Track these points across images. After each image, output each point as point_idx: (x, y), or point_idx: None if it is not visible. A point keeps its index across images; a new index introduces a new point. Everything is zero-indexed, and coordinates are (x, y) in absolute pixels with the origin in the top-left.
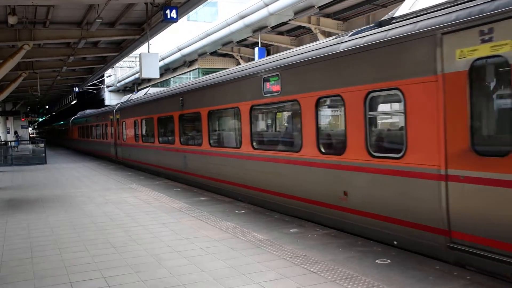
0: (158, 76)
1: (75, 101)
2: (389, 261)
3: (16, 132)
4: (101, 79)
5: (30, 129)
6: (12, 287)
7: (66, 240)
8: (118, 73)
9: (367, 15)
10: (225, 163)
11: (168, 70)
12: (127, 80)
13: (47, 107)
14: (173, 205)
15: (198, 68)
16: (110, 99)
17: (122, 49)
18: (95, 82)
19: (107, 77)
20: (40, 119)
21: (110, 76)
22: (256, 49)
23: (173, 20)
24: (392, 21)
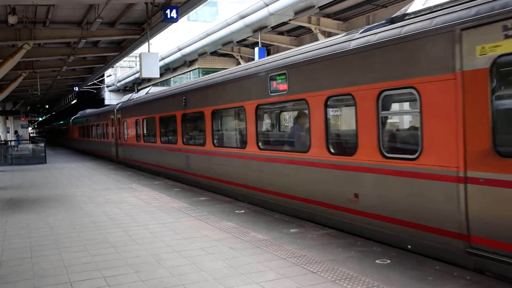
0: (158, 76)
1: (75, 101)
2: (389, 261)
3: (16, 132)
4: (101, 79)
5: (30, 128)
6: (11, 286)
7: (65, 240)
8: (118, 72)
9: (367, 15)
10: (229, 163)
11: (168, 70)
12: (127, 80)
13: (47, 106)
14: (173, 205)
15: (198, 68)
16: (110, 99)
17: (122, 48)
18: (95, 81)
19: (107, 76)
20: (40, 119)
21: (110, 75)
22: (256, 49)
23: (173, 20)
24: (405, 18)
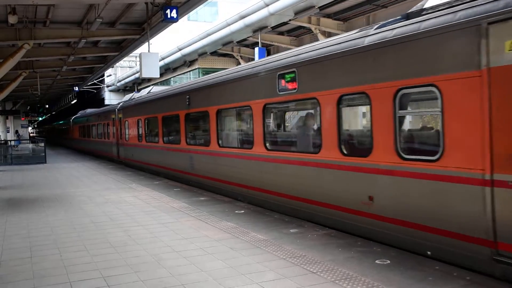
0: (158, 76)
1: (75, 101)
2: (389, 262)
3: (17, 131)
4: (101, 79)
5: (30, 128)
6: (11, 286)
7: (65, 240)
8: (118, 72)
9: (368, 16)
10: (236, 164)
11: (168, 70)
12: (127, 80)
13: (47, 106)
14: (172, 205)
15: (198, 68)
16: (110, 99)
17: (122, 48)
18: (95, 81)
19: (107, 76)
20: (40, 119)
21: (110, 75)
22: (256, 49)
23: (173, 20)
24: (422, 13)
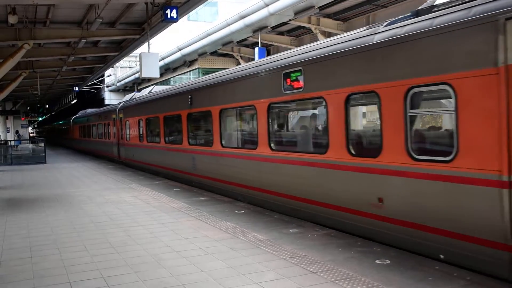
0: (158, 76)
1: (75, 101)
2: (389, 262)
3: (17, 131)
4: (101, 79)
5: (30, 128)
6: (11, 286)
7: (65, 240)
8: (118, 72)
9: (367, 16)
10: (239, 165)
11: (168, 70)
12: (127, 80)
13: (47, 106)
14: (172, 205)
15: (198, 68)
16: (110, 99)
17: (122, 48)
18: (95, 81)
19: (107, 76)
20: (40, 119)
21: (110, 75)
22: (256, 49)
23: (173, 20)
24: (433, 10)
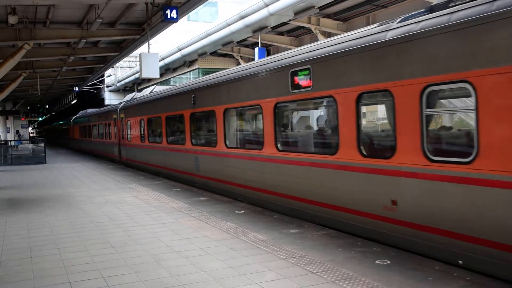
0: (158, 76)
1: (75, 101)
2: (389, 262)
3: (17, 132)
4: (101, 79)
5: (30, 128)
6: (11, 286)
7: (65, 240)
8: (118, 73)
9: (367, 16)
10: (244, 166)
11: (168, 70)
12: (127, 80)
13: (47, 106)
14: (172, 205)
15: (198, 68)
16: (110, 99)
17: (122, 49)
18: (95, 82)
19: (107, 77)
20: (40, 119)
21: (110, 76)
22: (256, 49)
23: (173, 20)
24: (449, 5)
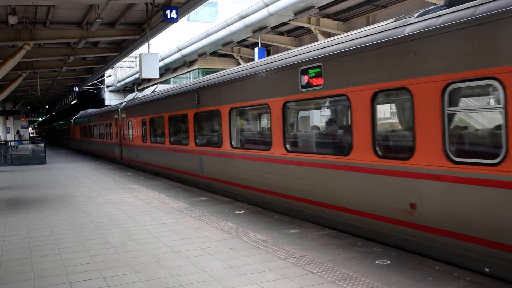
0: (158, 76)
1: (75, 101)
2: (389, 262)
3: (18, 132)
4: (101, 79)
5: (30, 129)
6: (11, 287)
7: (65, 240)
8: (118, 73)
9: (367, 16)
10: (250, 167)
11: (168, 70)
12: (127, 80)
13: (47, 107)
14: (172, 205)
15: (198, 68)
16: (110, 99)
17: (122, 49)
18: (95, 82)
19: (107, 77)
20: (40, 119)
21: (110, 76)
22: (256, 50)
23: (173, 21)
24: None
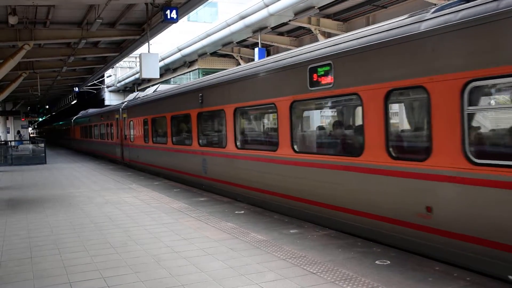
0: (158, 77)
1: (75, 101)
2: (389, 262)
3: (18, 132)
4: (101, 79)
5: (30, 129)
6: (11, 287)
7: (65, 240)
8: (118, 73)
9: (367, 16)
10: (256, 168)
11: (168, 70)
12: (127, 80)
13: (47, 107)
14: (172, 205)
15: (198, 69)
16: (110, 99)
17: (122, 49)
18: (95, 82)
19: (107, 77)
20: (40, 119)
21: (110, 76)
22: (256, 50)
23: (173, 21)
24: None
